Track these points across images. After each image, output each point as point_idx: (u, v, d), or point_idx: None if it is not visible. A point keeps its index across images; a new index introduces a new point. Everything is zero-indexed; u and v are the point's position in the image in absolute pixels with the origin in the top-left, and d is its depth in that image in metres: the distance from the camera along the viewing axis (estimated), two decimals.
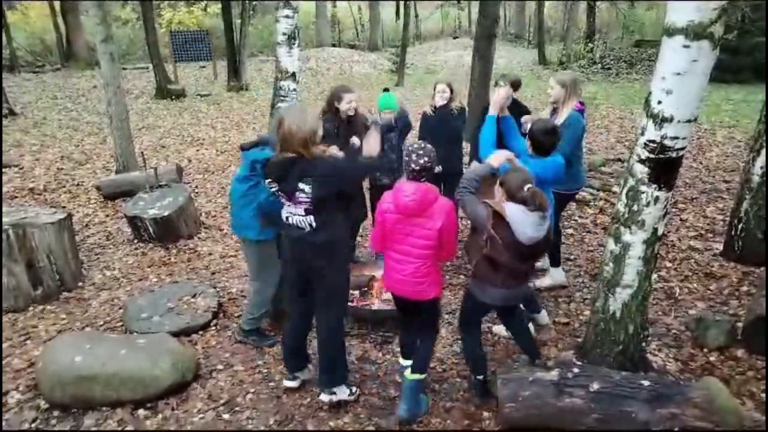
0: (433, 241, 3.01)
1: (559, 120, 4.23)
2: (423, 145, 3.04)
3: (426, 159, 2.97)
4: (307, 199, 3.01)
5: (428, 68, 19.21)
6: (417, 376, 3.21)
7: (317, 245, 3.11)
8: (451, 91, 4.92)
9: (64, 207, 6.65)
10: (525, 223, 2.92)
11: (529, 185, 2.96)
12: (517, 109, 4.60)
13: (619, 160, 7.95)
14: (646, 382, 2.99)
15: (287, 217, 3.15)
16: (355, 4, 27.35)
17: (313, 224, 3.07)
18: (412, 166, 2.97)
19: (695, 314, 4.14)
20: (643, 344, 3.58)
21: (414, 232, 3.02)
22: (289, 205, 3.11)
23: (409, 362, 3.33)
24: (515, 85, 4.90)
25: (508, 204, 2.98)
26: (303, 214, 3.07)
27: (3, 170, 8.09)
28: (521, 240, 2.93)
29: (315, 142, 3.03)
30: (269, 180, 3.13)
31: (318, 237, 3.09)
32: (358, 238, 5.33)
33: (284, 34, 6.75)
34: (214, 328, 4.19)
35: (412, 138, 5.43)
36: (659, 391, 2.94)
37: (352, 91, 4.49)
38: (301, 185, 2.99)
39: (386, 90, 4.76)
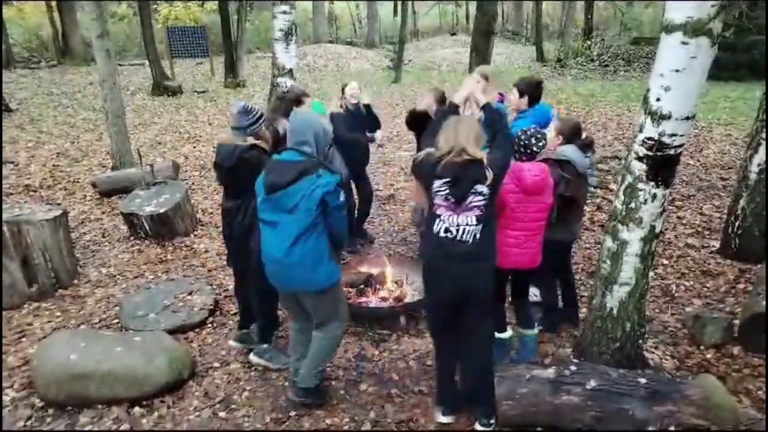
0: (547, 213, 3.34)
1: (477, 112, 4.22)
2: (539, 130, 3.35)
3: (544, 141, 3.32)
4: (483, 202, 2.82)
5: (426, 65, 19.19)
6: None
7: (482, 258, 2.90)
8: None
9: (59, 204, 6.62)
10: (580, 157, 3.65)
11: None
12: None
13: (617, 157, 7.94)
14: (643, 380, 2.99)
15: (445, 230, 2.86)
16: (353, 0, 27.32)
17: (478, 235, 2.84)
18: (533, 148, 3.26)
19: (692, 312, 4.14)
20: (640, 341, 3.58)
21: (533, 207, 3.25)
22: (449, 216, 2.86)
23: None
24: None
25: (566, 147, 3.67)
26: (474, 223, 2.82)
27: None
28: (580, 172, 3.57)
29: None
30: (444, 180, 2.82)
31: (484, 250, 2.88)
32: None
33: (281, 30, 6.74)
34: (210, 325, 4.18)
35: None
36: (656, 388, 2.94)
37: (308, 95, 4.44)
38: (479, 187, 2.80)
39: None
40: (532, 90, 4.14)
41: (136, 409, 3.29)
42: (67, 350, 3.37)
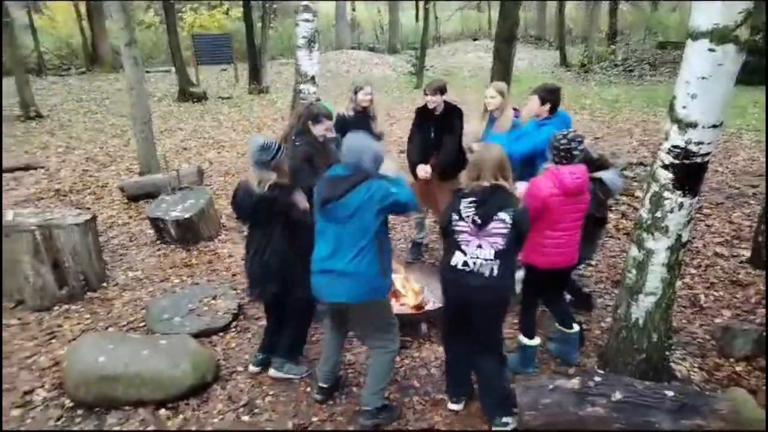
0: (584, 213, 3.45)
1: (504, 126, 4.41)
2: (577, 133, 3.41)
3: (583, 145, 3.42)
4: (504, 231, 2.89)
5: (448, 70, 19.16)
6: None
7: (497, 292, 2.99)
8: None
9: (88, 208, 6.77)
10: (616, 181, 3.81)
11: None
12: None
13: (642, 163, 7.83)
14: (670, 392, 2.94)
15: (464, 263, 2.94)
16: (375, 6, 27.43)
17: (495, 270, 2.91)
18: (573, 152, 3.34)
19: (721, 323, 4.06)
20: (667, 353, 3.52)
21: (572, 208, 3.37)
22: (469, 243, 2.94)
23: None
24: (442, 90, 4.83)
25: (605, 172, 3.79)
26: (492, 257, 2.91)
27: (30, 172, 8.28)
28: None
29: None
30: (471, 200, 2.92)
31: (499, 285, 2.96)
32: None
33: (304, 37, 6.81)
34: (234, 329, 4.23)
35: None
36: (683, 401, 2.88)
37: (330, 117, 4.33)
38: (502, 215, 2.88)
39: (317, 100, 4.61)
40: (553, 97, 4.23)
41: (162, 411, 3.35)
42: (95, 352, 3.45)
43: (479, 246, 2.93)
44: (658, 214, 3.15)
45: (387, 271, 3.07)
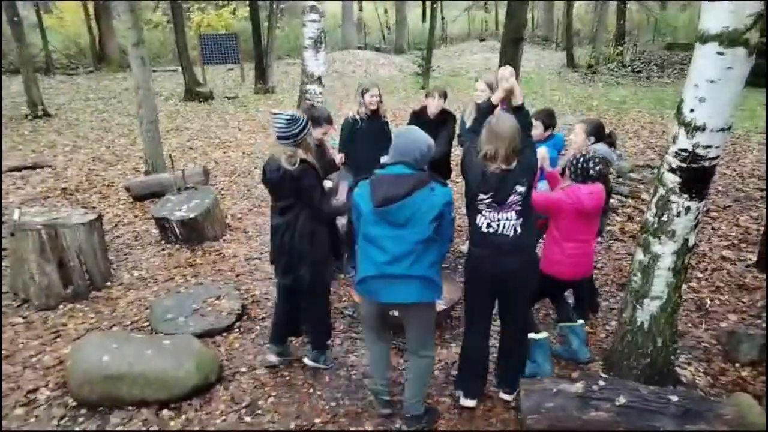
0: (597, 225, 3.71)
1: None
2: (596, 154, 3.59)
3: (601, 166, 3.54)
4: (521, 199, 3.01)
5: (454, 71, 19.13)
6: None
7: (523, 249, 3.12)
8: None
9: (94, 207, 6.80)
10: (611, 154, 4.09)
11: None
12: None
13: (649, 166, 7.79)
14: (674, 397, 2.92)
15: (488, 225, 3.04)
16: (382, 6, 27.43)
17: (519, 229, 3.05)
18: (590, 172, 3.49)
19: (727, 327, 4.03)
20: (672, 357, 3.50)
21: (588, 222, 3.57)
22: (489, 212, 3.03)
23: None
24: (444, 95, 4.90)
25: (598, 145, 3.99)
26: (515, 217, 3.03)
27: (37, 171, 8.33)
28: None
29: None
30: (486, 194, 2.99)
31: (523, 240, 3.10)
32: None
33: (310, 38, 6.82)
34: (237, 330, 4.23)
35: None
36: (688, 406, 2.86)
37: (330, 122, 4.41)
38: (517, 188, 2.99)
39: (312, 105, 4.45)
40: (551, 121, 4.53)
41: (165, 411, 3.35)
42: (99, 352, 3.46)
43: (500, 212, 3.04)
44: (665, 218, 3.13)
45: (439, 272, 3.07)
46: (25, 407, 3.40)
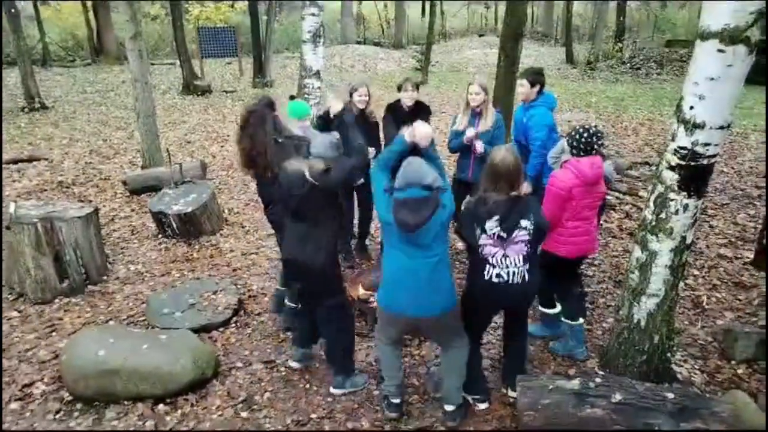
0: (601, 201, 3.70)
1: (487, 123, 4.54)
2: (598, 129, 3.53)
3: (603, 140, 3.58)
4: (527, 238, 2.99)
5: (453, 66, 19.09)
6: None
7: (529, 295, 3.21)
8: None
9: (91, 201, 6.78)
10: (612, 174, 4.08)
11: None
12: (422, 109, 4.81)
13: (647, 163, 7.78)
14: (670, 395, 2.92)
15: (497, 275, 3.00)
16: (381, 0, 27.32)
17: (527, 277, 3.02)
18: (594, 146, 3.49)
19: (723, 325, 4.03)
20: (669, 355, 3.50)
21: (592, 197, 3.56)
22: (496, 254, 3.00)
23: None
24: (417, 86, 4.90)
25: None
26: (522, 263, 3.00)
27: (33, 164, 8.29)
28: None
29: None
30: (496, 218, 2.97)
31: (531, 287, 3.11)
32: None
33: (309, 32, 6.78)
34: (234, 325, 4.23)
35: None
36: (684, 403, 2.86)
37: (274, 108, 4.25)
38: (523, 222, 2.98)
39: (292, 97, 4.22)
40: (540, 79, 4.45)
41: (161, 406, 3.35)
42: (95, 346, 3.45)
43: (505, 255, 3.00)
44: (663, 216, 3.12)
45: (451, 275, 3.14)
46: (20, 402, 3.40)
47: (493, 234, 2.98)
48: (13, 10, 11.26)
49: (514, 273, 3.01)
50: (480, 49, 22.30)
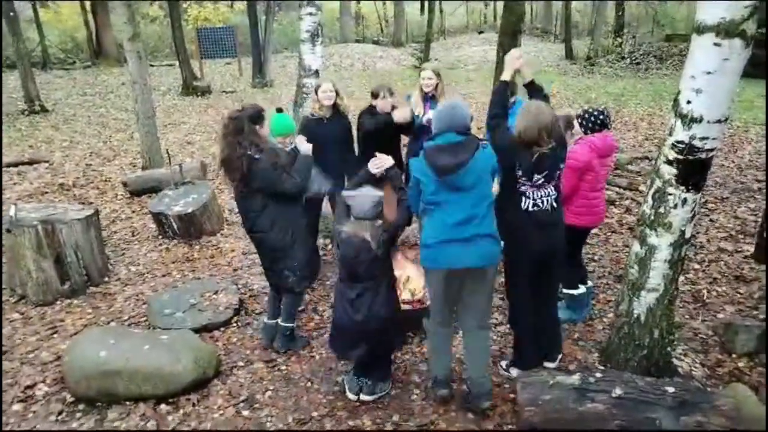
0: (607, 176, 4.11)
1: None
2: (606, 108, 3.93)
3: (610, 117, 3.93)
4: (559, 174, 3.27)
5: (453, 64, 19.06)
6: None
7: (560, 221, 3.37)
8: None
9: (91, 203, 6.80)
10: None
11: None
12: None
13: (647, 158, 7.77)
14: (671, 389, 2.92)
15: (533, 204, 3.22)
16: None
17: (555, 203, 3.28)
18: (607, 122, 3.86)
19: (724, 318, 4.03)
20: (669, 349, 3.50)
21: (605, 168, 3.95)
22: (533, 191, 3.20)
23: None
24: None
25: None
26: (554, 192, 3.26)
27: (34, 166, 8.31)
28: None
29: None
30: (540, 173, 3.16)
31: (560, 214, 3.36)
32: None
33: (308, 31, 6.76)
34: (235, 325, 4.24)
35: None
36: (684, 397, 2.86)
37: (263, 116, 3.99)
38: (562, 165, 3.27)
39: (279, 110, 4.00)
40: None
41: (162, 406, 3.36)
42: (97, 347, 3.46)
43: (539, 188, 3.22)
44: (662, 210, 3.12)
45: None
46: (22, 403, 3.41)
47: (537, 181, 3.18)
48: (12, 14, 11.28)
49: (546, 201, 3.24)
50: (479, 46, 22.27)
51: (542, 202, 3.22)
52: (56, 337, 4.11)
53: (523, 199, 3.21)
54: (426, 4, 21.53)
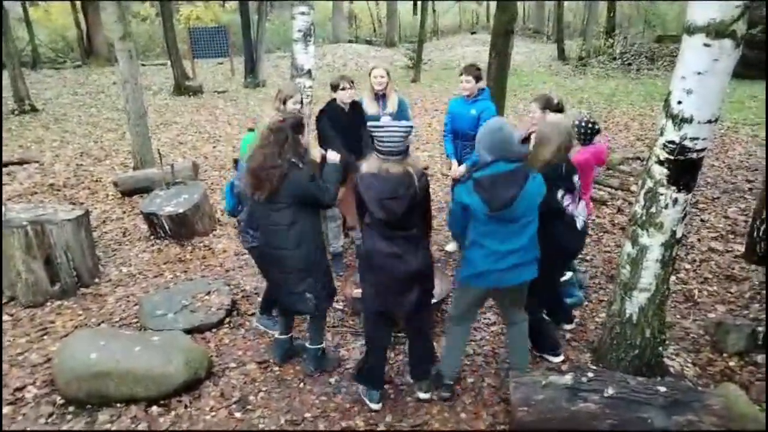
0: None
1: (393, 105, 4.85)
2: (592, 119, 4.06)
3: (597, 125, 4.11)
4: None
5: (446, 64, 19.07)
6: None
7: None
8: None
9: (82, 203, 6.74)
10: None
11: None
12: None
13: (639, 158, 7.81)
14: (662, 388, 2.94)
15: (583, 221, 3.56)
16: None
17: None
18: (595, 135, 4.03)
19: (715, 318, 4.06)
20: (660, 348, 3.52)
21: (594, 172, 4.25)
22: (574, 206, 3.46)
23: None
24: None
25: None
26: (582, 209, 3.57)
27: (24, 166, 8.24)
28: None
29: None
30: (576, 177, 3.44)
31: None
32: None
33: (300, 31, 6.73)
34: (227, 325, 4.21)
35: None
36: (676, 397, 2.88)
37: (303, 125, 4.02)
38: (575, 179, 3.45)
39: (251, 130, 3.87)
40: (481, 74, 4.79)
41: (154, 408, 3.33)
42: (87, 349, 3.43)
43: (576, 204, 3.48)
44: (653, 210, 3.14)
45: None
46: (12, 405, 3.38)
47: (574, 189, 3.39)
48: (2, 12, 11.17)
49: (582, 209, 3.54)
50: (472, 46, 22.28)
51: (583, 212, 3.53)
52: (46, 339, 4.07)
53: (576, 219, 3.48)
54: (419, 4, 21.53)
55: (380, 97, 4.84)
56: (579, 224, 3.52)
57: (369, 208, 2.98)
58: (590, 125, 4.02)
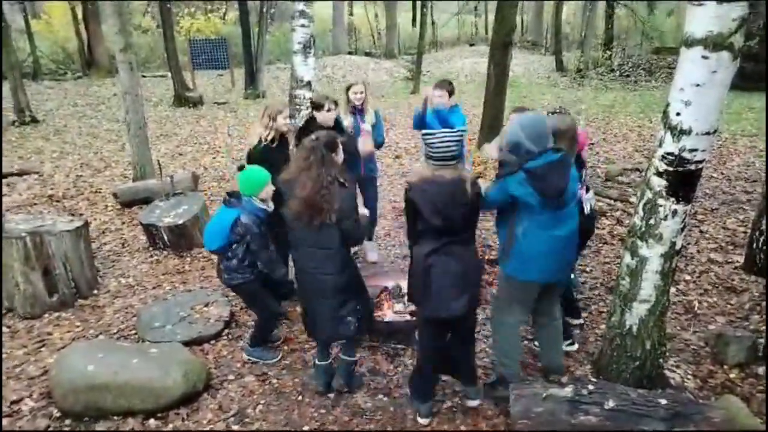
0: None
1: (372, 117, 5.05)
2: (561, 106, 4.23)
3: None
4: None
5: (445, 76, 19.17)
6: None
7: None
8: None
9: (82, 214, 6.74)
10: None
11: None
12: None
13: (637, 169, 7.83)
14: (663, 400, 2.92)
15: (591, 206, 3.72)
16: (372, 10, 27.48)
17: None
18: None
19: (715, 329, 4.04)
20: (661, 360, 3.50)
21: None
22: (581, 189, 3.54)
23: None
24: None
25: None
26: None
27: (23, 177, 8.24)
28: None
29: None
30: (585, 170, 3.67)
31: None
32: None
33: (300, 43, 6.79)
34: (225, 337, 4.19)
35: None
36: (677, 409, 2.86)
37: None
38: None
39: (242, 168, 3.73)
40: (453, 89, 4.95)
41: (151, 421, 3.31)
42: (85, 361, 3.41)
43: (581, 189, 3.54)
44: (652, 222, 3.14)
45: None
46: (8, 418, 3.35)
47: (581, 177, 3.47)
48: (3, 24, 11.24)
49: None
50: (471, 58, 22.43)
51: (591, 198, 3.73)
52: (44, 351, 4.04)
53: (585, 204, 3.60)
54: (418, 16, 21.69)
55: (358, 111, 4.98)
56: (587, 209, 3.67)
57: (423, 215, 2.93)
58: (563, 112, 4.06)
